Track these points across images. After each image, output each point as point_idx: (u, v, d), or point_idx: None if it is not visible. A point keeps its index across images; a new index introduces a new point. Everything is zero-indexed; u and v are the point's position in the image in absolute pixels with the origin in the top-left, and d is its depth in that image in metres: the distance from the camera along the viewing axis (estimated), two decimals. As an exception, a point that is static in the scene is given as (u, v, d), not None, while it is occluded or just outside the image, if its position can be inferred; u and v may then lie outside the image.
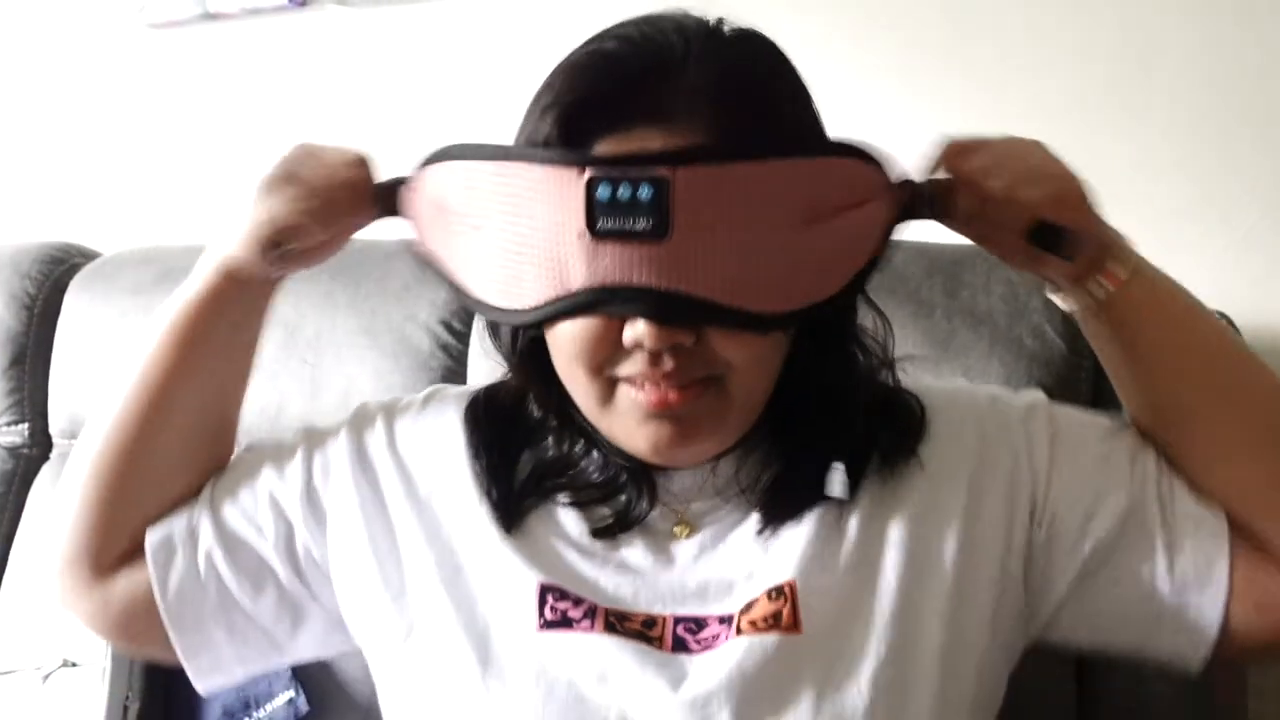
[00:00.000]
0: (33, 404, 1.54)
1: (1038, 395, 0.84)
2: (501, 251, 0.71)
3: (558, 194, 0.67)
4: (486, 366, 1.26)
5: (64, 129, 1.90)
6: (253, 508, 0.85)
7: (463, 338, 1.32)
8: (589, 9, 0.73)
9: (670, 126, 0.68)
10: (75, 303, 1.52)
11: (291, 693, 1.21)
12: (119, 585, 0.85)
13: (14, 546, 1.48)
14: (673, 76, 0.69)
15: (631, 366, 0.71)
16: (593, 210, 0.66)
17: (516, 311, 0.72)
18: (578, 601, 0.76)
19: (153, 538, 0.84)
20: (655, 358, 0.70)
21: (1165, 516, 0.76)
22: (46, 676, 1.35)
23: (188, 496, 0.86)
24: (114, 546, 0.84)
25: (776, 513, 0.77)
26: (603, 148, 0.68)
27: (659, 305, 0.67)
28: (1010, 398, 0.84)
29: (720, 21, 0.74)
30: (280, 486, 0.85)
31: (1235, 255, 1.26)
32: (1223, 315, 1.09)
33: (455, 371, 1.31)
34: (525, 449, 0.83)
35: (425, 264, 0.78)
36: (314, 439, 0.88)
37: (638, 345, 0.69)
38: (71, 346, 1.51)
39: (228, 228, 0.83)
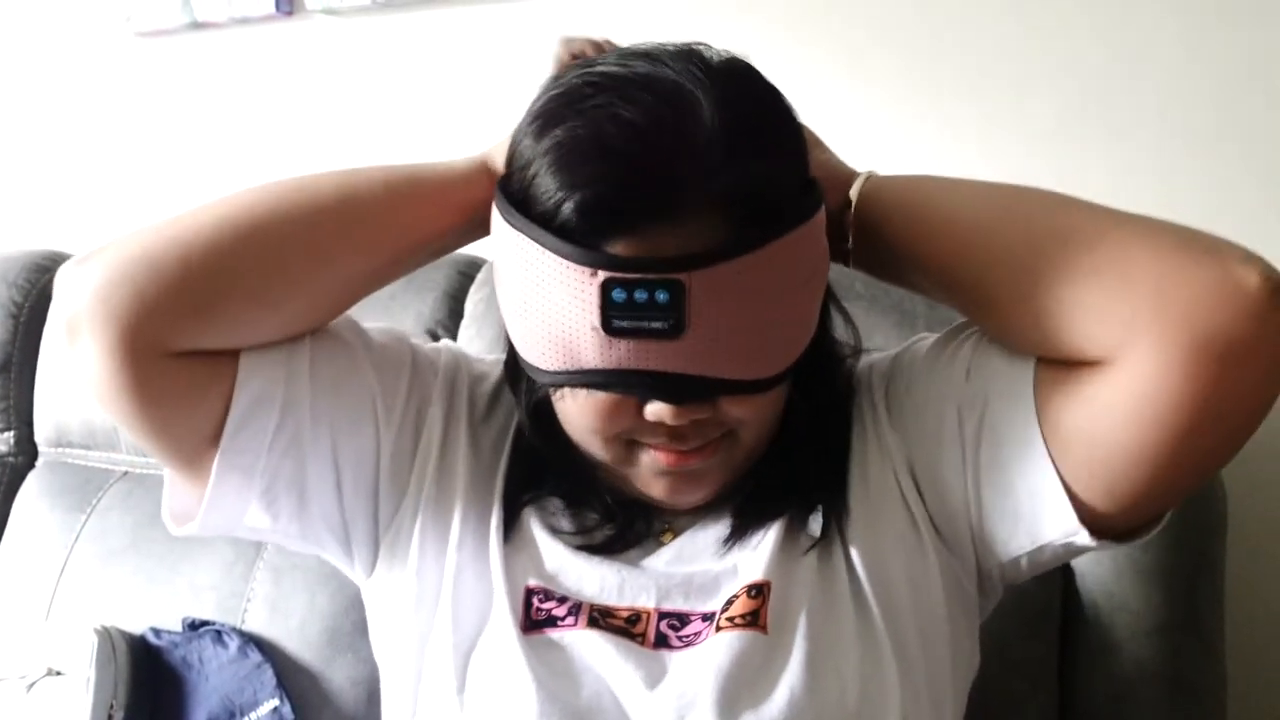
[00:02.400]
0: (18, 412, 1.54)
1: (892, 353, 0.85)
2: (520, 308, 0.72)
3: (572, 287, 0.67)
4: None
5: (51, 138, 1.90)
6: (354, 412, 0.81)
7: (449, 346, 1.33)
8: (579, 19, 0.74)
9: (684, 225, 0.67)
10: (61, 311, 1.52)
11: (276, 701, 1.21)
12: (170, 375, 0.73)
13: (-1, 555, 1.48)
14: (685, 174, 0.67)
15: (649, 436, 0.74)
16: (607, 310, 0.66)
17: (533, 367, 0.73)
18: (563, 600, 0.78)
19: (251, 377, 0.75)
20: (674, 430, 0.73)
21: (983, 411, 0.75)
22: (31, 685, 1.34)
23: (283, 336, 0.78)
24: (198, 335, 0.73)
25: (744, 521, 0.80)
26: (617, 246, 0.67)
27: (675, 389, 0.70)
28: (877, 368, 0.84)
29: (720, 68, 0.71)
30: (383, 414, 0.81)
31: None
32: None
33: (441, 380, 1.32)
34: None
35: None
36: (419, 372, 0.85)
37: (658, 421, 0.71)
38: (57, 355, 1.51)
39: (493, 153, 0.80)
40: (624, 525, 0.81)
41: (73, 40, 1.85)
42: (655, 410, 0.71)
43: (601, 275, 0.66)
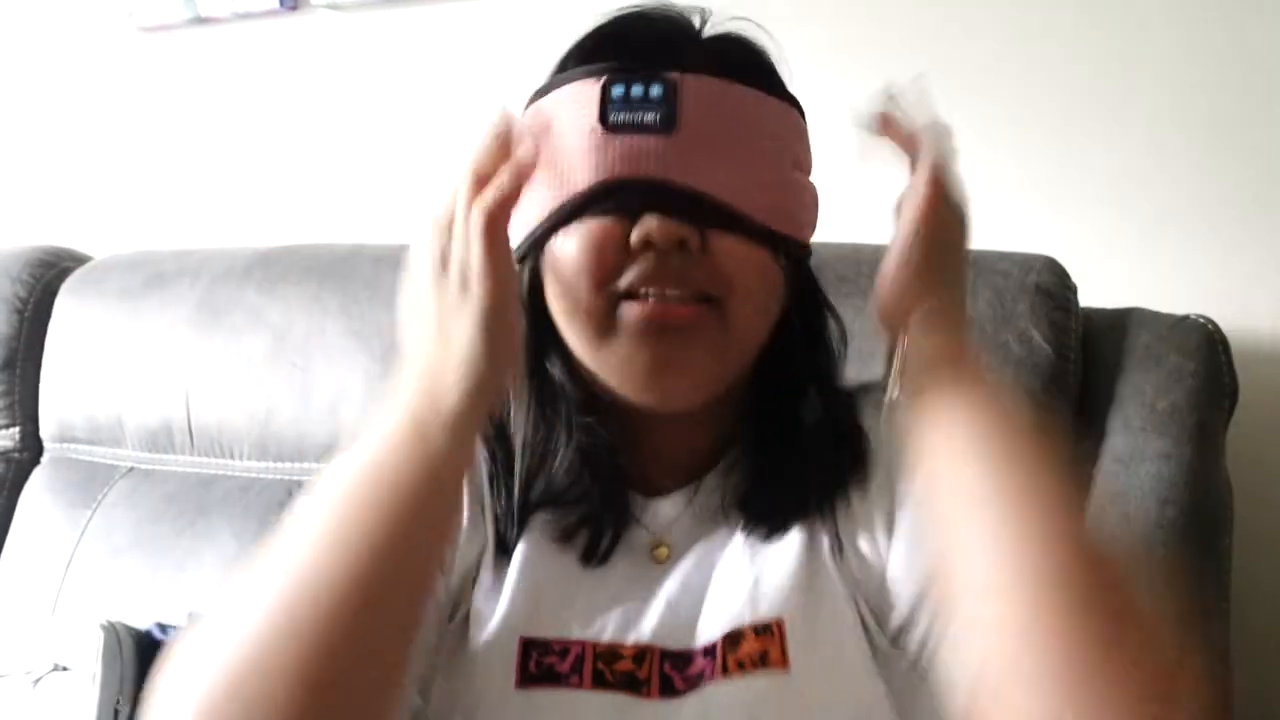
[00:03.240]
0: (23, 408, 1.54)
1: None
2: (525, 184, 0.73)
3: (575, 100, 0.73)
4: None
5: (54, 133, 1.90)
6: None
7: (453, 342, 1.32)
8: (579, 11, 0.74)
9: (681, 51, 0.74)
10: (66, 306, 1.52)
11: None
12: None
13: (4, 550, 1.48)
14: (686, 29, 0.77)
15: (636, 272, 0.71)
16: (606, 105, 0.71)
17: (530, 220, 0.74)
18: (564, 652, 0.73)
19: None
20: (662, 258, 0.71)
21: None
22: (37, 681, 1.35)
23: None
24: None
25: (759, 525, 0.76)
26: (620, 62, 0.74)
27: (665, 197, 0.71)
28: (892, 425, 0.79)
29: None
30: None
31: (1218, 259, 1.26)
32: (1206, 319, 1.11)
33: (445, 375, 1.32)
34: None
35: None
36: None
37: (645, 243, 0.70)
38: (62, 350, 1.51)
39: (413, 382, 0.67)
40: (601, 522, 0.77)
41: (75, 35, 1.85)
42: (645, 227, 0.70)
43: (604, 77, 0.72)
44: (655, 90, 0.71)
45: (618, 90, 0.71)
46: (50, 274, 1.56)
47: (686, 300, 0.71)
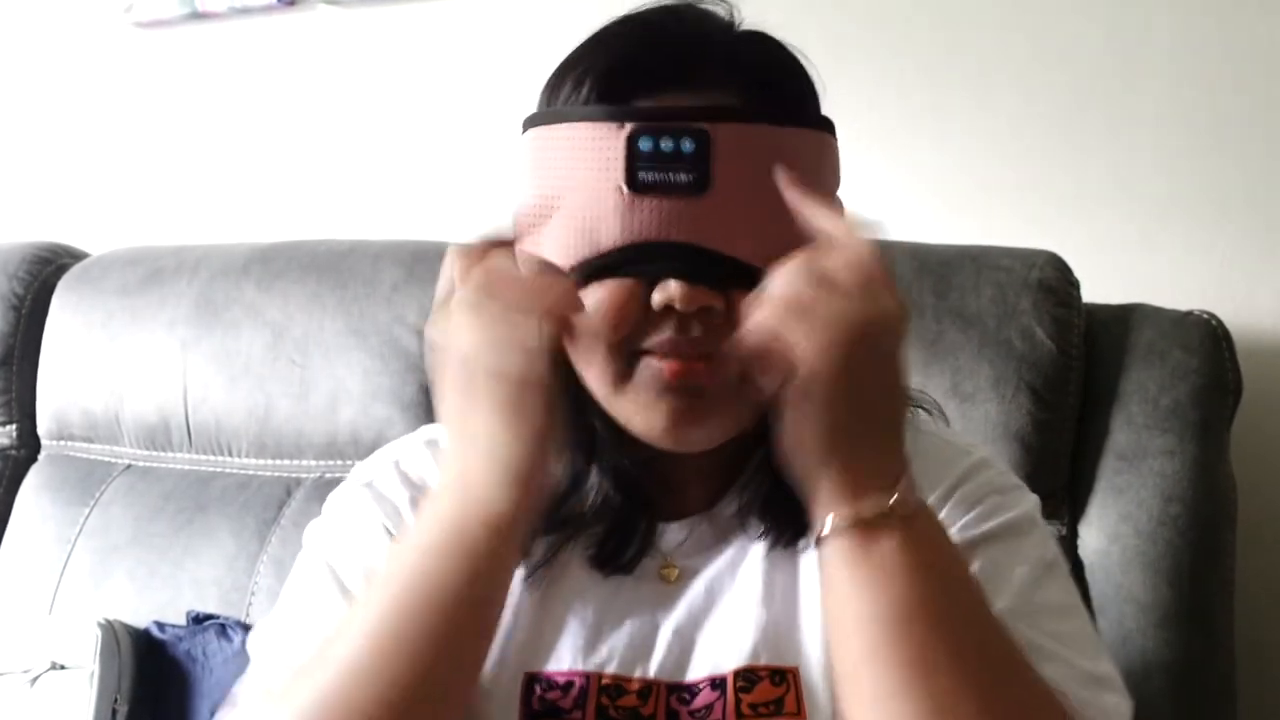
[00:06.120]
0: (20, 405, 1.53)
1: (1018, 509, 0.75)
2: (536, 217, 0.71)
3: (596, 149, 0.67)
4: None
5: (51, 129, 1.90)
6: None
7: (452, 338, 1.32)
8: (581, 9, 0.73)
9: (707, 90, 0.69)
10: (63, 303, 1.52)
11: (281, 695, 1.21)
12: None
13: (1, 549, 1.47)
14: (707, 44, 0.71)
15: (657, 336, 0.69)
16: (633, 162, 0.66)
17: None
18: (567, 686, 0.72)
19: None
20: (684, 324, 0.68)
21: None
22: (35, 679, 1.34)
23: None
24: None
25: (781, 529, 0.74)
26: (642, 104, 0.69)
27: (693, 264, 0.67)
28: (992, 486, 0.76)
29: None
30: None
31: (1221, 255, 1.26)
32: (1209, 315, 1.10)
33: (444, 372, 1.32)
34: None
35: None
36: None
37: (668, 308, 0.67)
38: (59, 347, 1.51)
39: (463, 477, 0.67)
40: (621, 540, 0.75)
41: (72, 31, 1.85)
42: (668, 293, 0.66)
43: (629, 127, 0.67)
44: (687, 145, 0.66)
45: (645, 145, 0.66)
46: (47, 270, 1.56)
47: (706, 354, 0.69)
